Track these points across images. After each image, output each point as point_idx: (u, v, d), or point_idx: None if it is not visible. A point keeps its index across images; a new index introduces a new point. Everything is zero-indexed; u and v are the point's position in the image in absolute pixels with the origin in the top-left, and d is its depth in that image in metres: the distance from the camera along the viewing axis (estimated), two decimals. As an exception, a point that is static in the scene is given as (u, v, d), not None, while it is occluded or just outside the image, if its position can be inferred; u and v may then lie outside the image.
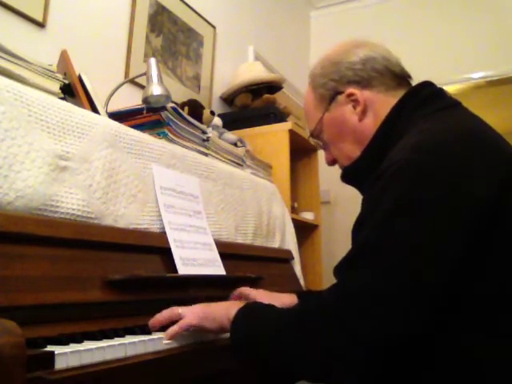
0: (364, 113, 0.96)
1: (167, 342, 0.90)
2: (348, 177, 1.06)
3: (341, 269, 0.81)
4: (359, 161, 0.99)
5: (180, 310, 0.94)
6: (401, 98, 0.93)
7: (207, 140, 1.73)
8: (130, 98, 1.88)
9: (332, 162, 1.08)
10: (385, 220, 0.76)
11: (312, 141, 1.09)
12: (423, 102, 0.91)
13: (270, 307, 0.88)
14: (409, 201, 0.75)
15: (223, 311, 0.90)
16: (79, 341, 0.78)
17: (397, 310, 0.72)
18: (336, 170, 1.10)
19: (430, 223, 0.73)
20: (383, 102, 0.94)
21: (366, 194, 0.91)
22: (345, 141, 1.00)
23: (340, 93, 0.97)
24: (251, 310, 0.88)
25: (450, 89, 2.80)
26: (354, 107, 0.97)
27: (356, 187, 1.06)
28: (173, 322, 0.93)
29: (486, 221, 0.74)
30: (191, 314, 0.92)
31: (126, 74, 1.98)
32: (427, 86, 0.95)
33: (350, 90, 0.96)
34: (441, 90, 0.95)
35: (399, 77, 0.97)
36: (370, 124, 0.96)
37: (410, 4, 3.48)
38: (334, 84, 0.98)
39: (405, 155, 0.79)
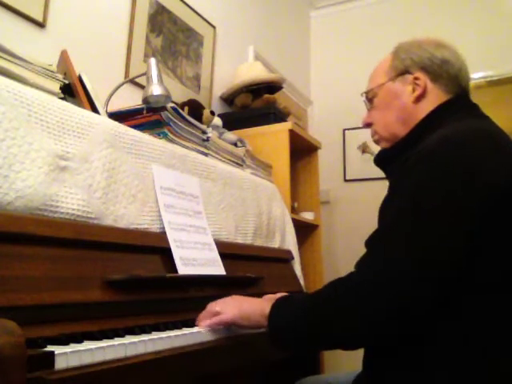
0: (419, 98, 1.06)
1: (204, 331, 1.01)
2: (381, 160, 1.15)
3: (375, 242, 0.91)
4: (395, 147, 1.09)
5: (218, 308, 1.04)
6: (443, 103, 1.04)
7: (207, 140, 1.73)
8: (129, 98, 1.88)
9: (367, 124, 1.18)
10: (412, 197, 0.85)
11: (363, 98, 1.18)
12: (459, 110, 1.02)
13: (300, 295, 0.98)
14: (435, 186, 0.84)
15: (258, 310, 0.98)
16: (79, 341, 0.78)
17: (425, 283, 0.79)
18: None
19: (453, 208, 0.81)
20: (437, 98, 1.05)
21: (394, 175, 1.02)
22: (391, 112, 1.10)
23: (410, 73, 1.08)
24: (283, 302, 0.95)
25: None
26: (413, 90, 1.07)
27: (383, 170, 1.15)
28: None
29: (499, 212, 0.82)
30: (228, 312, 1.02)
31: (126, 74, 1.98)
32: (465, 97, 1.07)
33: (419, 74, 1.06)
34: (475, 104, 1.07)
35: (461, 88, 1.07)
36: (419, 109, 1.06)
37: (410, 4, 3.48)
38: (410, 63, 1.08)
39: (434, 145, 0.89)
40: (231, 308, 1.02)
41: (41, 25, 1.63)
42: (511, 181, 0.83)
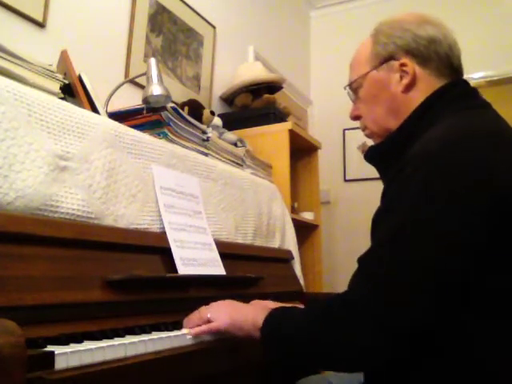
0: (409, 87, 0.96)
1: (190, 337, 0.97)
2: (373, 156, 1.06)
3: (367, 259, 0.83)
4: (387, 143, 1.00)
5: (209, 314, 0.99)
6: (435, 91, 0.94)
7: (207, 140, 1.73)
8: (130, 98, 1.88)
9: (355, 117, 1.08)
10: (411, 208, 0.78)
11: (347, 91, 1.09)
12: (455, 99, 0.92)
13: (294, 308, 0.91)
14: (435, 190, 0.77)
15: (250, 320, 0.92)
16: (79, 341, 0.78)
17: (422, 296, 0.74)
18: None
19: (455, 211, 0.75)
20: (429, 85, 0.95)
21: (388, 182, 0.93)
22: (379, 104, 1.01)
23: (395, 59, 0.97)
24: (277, 315, 0.90)
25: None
26: (401, 78, 0.97)
27: (376, 168, 1.06)
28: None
29: (508, 214, 0.75)
30: (220, 320, 0.97)
31: (126, 74, 1.99)
32: (462, 83, 0.97)
33: (406, 60, 0.96)
34: (474, 89, 0.96)
35: (454, 69, 0.97)
36: (410, 99, 0.96)
37: (410, 4, 3.48)
38: (393, 48, 0.98)
39: (431, 147, 0.81)
40: (223, 316, 0.98)
41: (41, 25, 1.63)
42: None
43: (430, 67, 0.96)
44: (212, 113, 1.97)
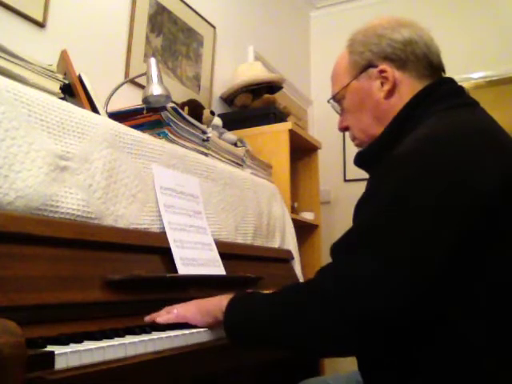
0: (391, 92, 0.96)
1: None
2: (360, 162, 1.06)
3: (338, 251, 0.82)
4: (373, 146, 0.99)
5: (175, 310, 1.02)
6: (421, 90, 0.93)
7: (207, 140, 1.73)
8: (130, 98, 1.88)
9: (344, 128, 1.08)
10: (386, 206, 0.78)
11: (331, 104, 1.09)
12: (441, 98, 0.92)
13: (259, 293, 0.93)
14: (411, 189, 0.76)
15: (217, 304, 0.96)
16: (79, 341, 0.78)
17: (387, 288, 0.72)
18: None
19: (430, 212, 0.74)
20: (411, 87, 0.95)
21: (372, 176, 0.93)
22: (364, 113, 1.01)
23: (373, 66, 0.97)
24: (242, 298, 0.93)
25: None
26: (382, 84, 0.97)
27: (366, 170, 1.07)
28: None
29: (486, 215, 0.75)
30: (187, 310, 1.01)
31: (126, 74, 1.98)
32: (448, 82, 0.96)
33: (384, 66, 0.96)
34: (461, 88, 0.96)
35: (434, 67, 0.97)
36: (394, 104, 0.96)
37: (410, 4, 3.48)
38: (370, 55, 0.98)
39: (413, 145, 0.81)
40: (189, 306, 1.02)
41: (41, 25, 1.63)
42: (499, 182, 0.76)
43: (410, 69, 0.95)
44: (212, 113, 1.97)
